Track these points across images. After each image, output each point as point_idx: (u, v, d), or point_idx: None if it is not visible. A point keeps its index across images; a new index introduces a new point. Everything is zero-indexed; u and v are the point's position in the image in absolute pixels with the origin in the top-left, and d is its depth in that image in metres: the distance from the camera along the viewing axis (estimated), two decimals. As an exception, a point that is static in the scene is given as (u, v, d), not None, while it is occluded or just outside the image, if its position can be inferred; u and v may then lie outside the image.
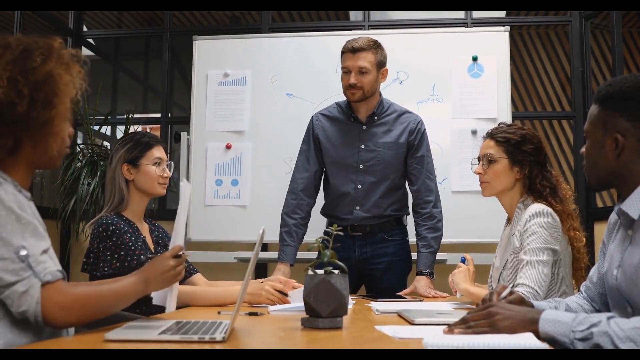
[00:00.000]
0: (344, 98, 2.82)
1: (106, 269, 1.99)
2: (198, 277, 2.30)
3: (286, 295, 2.05)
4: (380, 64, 2.70)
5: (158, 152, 2.20)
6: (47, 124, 1.28)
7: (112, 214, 2.11)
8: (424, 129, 2.79)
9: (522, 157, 2.04)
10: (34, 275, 1.18)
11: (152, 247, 2.17)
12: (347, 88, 2.69)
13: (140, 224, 2.17)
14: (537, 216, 1.94)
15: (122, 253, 1.99)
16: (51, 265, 1.22)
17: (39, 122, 1.27)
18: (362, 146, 2.75)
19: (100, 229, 2.03)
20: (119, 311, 1.31)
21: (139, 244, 2.05)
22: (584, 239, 2.02)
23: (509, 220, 2.15)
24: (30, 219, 1.23)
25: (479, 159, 2.15)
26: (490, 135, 2.12)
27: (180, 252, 1.50)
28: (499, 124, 2.16)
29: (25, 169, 1.33)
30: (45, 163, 1.37)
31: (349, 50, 2.67)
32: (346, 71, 2.69)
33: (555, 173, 2.12)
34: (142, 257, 2.01)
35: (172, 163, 2.28)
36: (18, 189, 1.29)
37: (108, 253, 2.00)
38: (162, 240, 2.24)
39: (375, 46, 2.69)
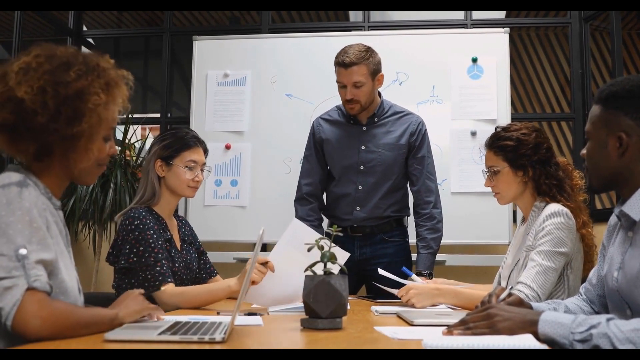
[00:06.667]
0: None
1: (122, 262, 1.97)
2: (217, 279, 2.27)
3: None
4: (375, 73, 2.65)
5: (195, 154, 2.15)
6: (72, 139, 1.28)
7: (142, 207, 2.08)
8: (425, 130, 2.79)
9: (522, 161, 2.02)
10: (24, 277, 1.15)
11: (178, 244, 2.15)
12: (346, 102, 2.68)
13: (169, 221, 2.15)
14: (554, 216, 1.92)
15: (141, 249, 1.96)
16: (44, 276, 1.19)
17: (61, 136, 1.27)
18: (363, 147, 2.75)
19: (127, 221, 2.00)
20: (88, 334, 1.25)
21: (160, 242, 2.01)
22: (593, 235, 2.01)
23: (524, 219, 2.13)
24: (42, 226, 1.22)
25: (485, 171, 2.12)
26: (488, 145, 2.10)
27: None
28: (495, 128, 2.13)
29: (58, 178, 1.34)
30: (75, 177, 1.37)
31: (341, 65, 2.61)
32: (342, 86, 2.66)
33: (562, 162, 2.09)
34: (159, 255, 1.97)
35: (210, 168, 2.24)
36: (48, 196, 1.30)
37: (127, 246, 1.97)
38: (188, 238, 2.23)
39: (367, 56, 2.61)
